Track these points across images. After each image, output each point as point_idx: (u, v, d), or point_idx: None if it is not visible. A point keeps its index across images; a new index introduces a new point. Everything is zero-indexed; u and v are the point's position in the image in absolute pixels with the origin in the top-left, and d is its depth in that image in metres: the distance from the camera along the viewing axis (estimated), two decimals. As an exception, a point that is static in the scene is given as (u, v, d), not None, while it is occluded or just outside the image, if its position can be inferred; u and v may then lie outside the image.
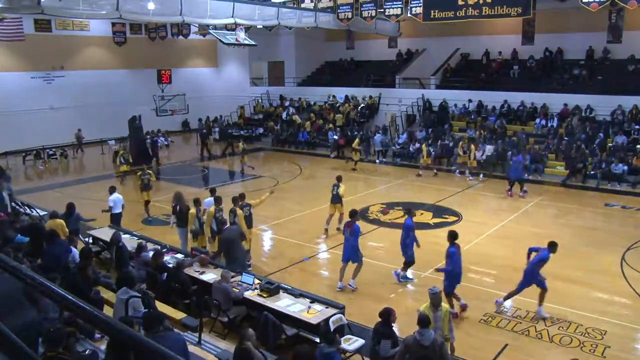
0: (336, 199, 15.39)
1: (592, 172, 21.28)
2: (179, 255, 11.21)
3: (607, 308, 10.56)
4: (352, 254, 11.40)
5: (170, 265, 10.21)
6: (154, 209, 17.63)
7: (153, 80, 28.89)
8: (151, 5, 18.69)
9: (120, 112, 29.00)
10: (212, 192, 13.87)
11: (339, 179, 15.84)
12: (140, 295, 7.65)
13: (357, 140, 25.23)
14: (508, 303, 10.53)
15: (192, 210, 12.65)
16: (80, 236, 12.60)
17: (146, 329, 6.05)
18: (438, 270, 10.81)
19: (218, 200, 12.52)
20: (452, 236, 10.25)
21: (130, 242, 11.61)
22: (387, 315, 7.38)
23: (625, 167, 20.92)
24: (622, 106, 24.18)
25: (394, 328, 7.76)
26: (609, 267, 12.71)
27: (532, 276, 10.06)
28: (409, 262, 11.88)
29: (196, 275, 10.22)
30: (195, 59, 38.48)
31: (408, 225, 11.75)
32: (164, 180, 23.16)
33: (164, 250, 11.18)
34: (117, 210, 14.54)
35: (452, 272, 10.11)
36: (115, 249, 10.69)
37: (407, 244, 11.70)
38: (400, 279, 11.86)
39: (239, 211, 12.26)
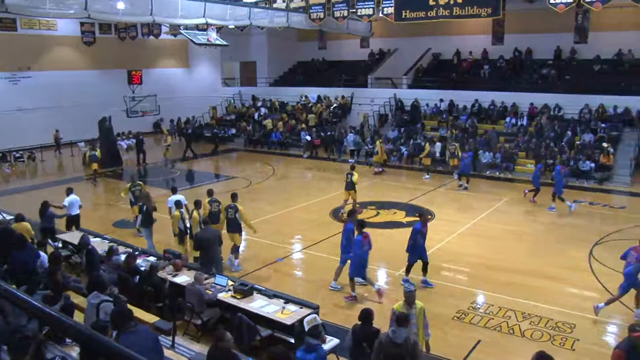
0: (350, 186, 16.82)
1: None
2: (152, 258, 11.08)
3: (576, 302, 10.75)
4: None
5: (143, 269, 10.10)
6: (125, 212, 17.36)
7: (123, 81, 28.41)
8: (120, 5, 18.47)
9: (90, 113, 28.49)
10: (174, 191, 14.18)
11: (353, 167, 17.52)
12: (111, 299, 7.54)
13: (427, 146, 23.44)
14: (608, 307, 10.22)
15: (176, 213, 12.58)
16: (49, 240, 12.38)
17: (117, 327, 5.96)
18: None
19: (198, 204, 12.81)
20: (360, 225, 11.11)
21: (101, 246, 11.45)
22: (369, 316, 7.32)
23: (593, 165, 21.36)
24: (589, 105, 24.70)
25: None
26: (578, 262, 12.94)
27: (632, 277, 9.85)
28: (409, 265, 11.66)
29: (169, 277, 10.11)
30: (166, 59, 38.06)
31: (415, 229, 11.45)
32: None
33: (137, 253, 11.04)
34: (74, 212, 14.17)
35: (359, 258, 10.76)
36: (85, 253, 10.52)
37: (409, 246, 11.48)
38: (420, 283, 11.48)
39: (240, 207, 12.63)
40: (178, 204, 12.84)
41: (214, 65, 38.59)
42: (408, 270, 11.68)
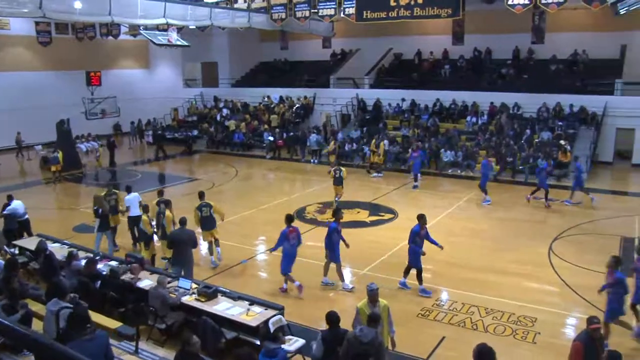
0: (338, 181, 17.92)
1: (520, 167, 22.09)
2: (113, 263, 10.87)
3: (537, 296, 10.98)
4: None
5: (105, 274, 9.90)
6: (86, 216, 16.98)
7: (82, 83, 27.80)
8: (78, 4, 18.07)
9: (47, 115, 27.71)
10: (129, 189, 14.35)
11: (340, 164, 19.27)
12: (72, 306, 7.35)
13: (381, 145, 23.95)
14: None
15: (145, 217, 12.44)
16: (5, 247, 12.04)
17: (73, 329, 5.83)
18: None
19: (169, 203, 13.00)
20: (288, 219, 11.40)
21: (60, 251, 11.17)
22: (337, 319, 7.14)
23: (551, 162, 21.82)
24: (546, 104, 25.33)
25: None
26: (538, 257, 13.21)
27: None
28: (417, 271, 11.34)
29: (131, 282, 9.92)
30: (126, 60, 37.46)
31: (413, 231, 11.30)
32: (95, 185, 22.44)
33: (97, 257, 10.81)
34: (21, 217, 13.81)
35: (288, 253, 11.19)
36: (43, 258, 10.25)
37: (409, 249, 11.32)
38: (398, 284, 11.47)
39: (212, 203, 13.06)
40: (146, 208, 12.69)
41: (175, 66, 38.16)
42: (419, 278, 11.31)
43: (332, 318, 7.11)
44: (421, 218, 11.45)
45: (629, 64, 25.27)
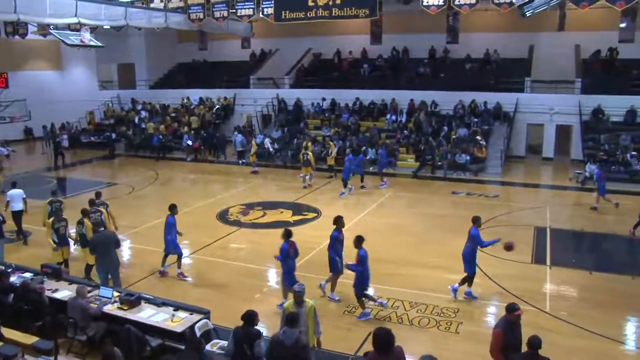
0: (307, 163, 20.83)
1: (439, 163, 22.77)
2: (27, 274, 10.31)
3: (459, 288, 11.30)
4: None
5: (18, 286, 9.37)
6: None
7: (-14, 85, 26.25)
8: (-22, 1, 17.04)
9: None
10: (14, 185, 15.17)
11: (307, 147, 21.71)
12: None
13: (332, 145, 23.88)
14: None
15: (88, 222, 11.90)
16: None
17: None
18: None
19: (94, 204, 12.87)
20: (171, 209, 12.49)
21: (-33, 265, 10.48)
22: (253, 319, 7.13)
23: (468, 157, 22.65)
24: (462, 101, 26.29)
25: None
26: (458, 250, 13.51)
27: None
28: (470, 276, 10.96)
29: (48, 293, 9.44)
30: (36, 61, 35.53)
31: (473, 234, 10.88)
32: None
33: (9, 270, 10.21)
34: None
35: (170, 240, 12.19)
36: (-52, 273, 9.58)
37: (467, 255, 10.88)
38: (465, 295, 10.93)
39: (102, 209, 12.83)
40: (85, 212, 12.20)
41: (89, 67, 36.68)
42: (470, 282, 10.98)
43: (246, 317, 7.10)
44: (476, 221, 11.10)
45: (536, 63, 26.62)
